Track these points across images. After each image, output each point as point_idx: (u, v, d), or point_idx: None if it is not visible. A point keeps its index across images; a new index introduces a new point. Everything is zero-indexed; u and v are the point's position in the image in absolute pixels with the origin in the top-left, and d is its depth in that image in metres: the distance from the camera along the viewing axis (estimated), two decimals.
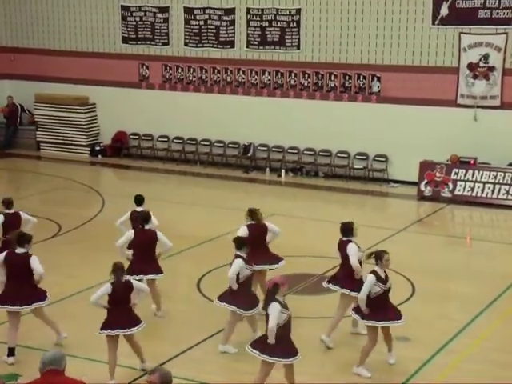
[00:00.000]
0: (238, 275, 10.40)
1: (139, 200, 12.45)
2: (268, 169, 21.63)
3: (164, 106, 22.68)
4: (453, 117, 19.27)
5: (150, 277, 11.38)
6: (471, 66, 19.15)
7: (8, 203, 12.43)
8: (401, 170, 20.13)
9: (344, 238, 10.78)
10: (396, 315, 10.01)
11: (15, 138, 24.65)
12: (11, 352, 10.07)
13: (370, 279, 9.74)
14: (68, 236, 15.65)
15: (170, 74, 22.81)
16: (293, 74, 21.28)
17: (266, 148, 21.74)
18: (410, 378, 9.79)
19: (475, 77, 19.14)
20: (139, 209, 12.27)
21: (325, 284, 11.04)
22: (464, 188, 18.66)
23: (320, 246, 14.76)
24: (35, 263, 10.17)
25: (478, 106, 19.12)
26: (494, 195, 18.37)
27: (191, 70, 22.50)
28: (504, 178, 18.29)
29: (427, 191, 18.99)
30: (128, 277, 10.12)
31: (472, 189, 18.58)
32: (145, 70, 23.13)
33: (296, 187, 20.32)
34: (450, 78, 19.28)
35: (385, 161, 20.32)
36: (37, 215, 16.89)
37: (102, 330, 9.58)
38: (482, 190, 18.49)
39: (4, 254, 10.32)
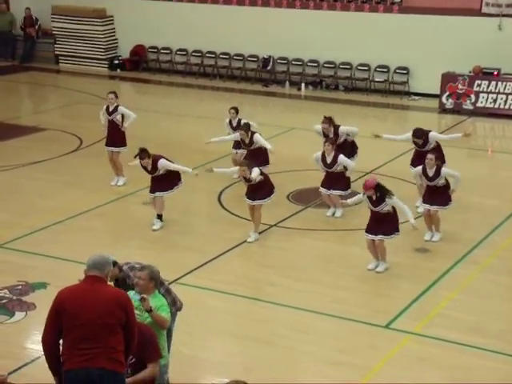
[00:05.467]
0: None
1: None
2: (287, 82, 21.40)
3: (182, 18, 22.32)
4: (477, 26, 18.84)
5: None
6: None
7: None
8: (422, 83, 19.84)
9: None
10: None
11: (33, 51, 24.50)
12: (159, 217, 11.76)
13: None
14: (90, 150, 15.72)
15: None
16: None
17: (285, 61, 21.46)
18: (430, 287, 9.91)
19: None
20: None
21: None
22: (486, 100, 18.41)
23: None
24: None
25: (504, 15, 18.65)
26: None
27: None
28: None
29: (449, 104, 18.76)
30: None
31: (495, 100, 18.33)
32: None
33: (316, 101, 20.15)
34: None
35: (406, 73, 20.03)
36: (58, 129, 17.09)
37: None
38: (505, 102, 18.24)
39: None
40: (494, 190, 13.38)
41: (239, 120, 13.62)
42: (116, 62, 23.34)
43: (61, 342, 6.00)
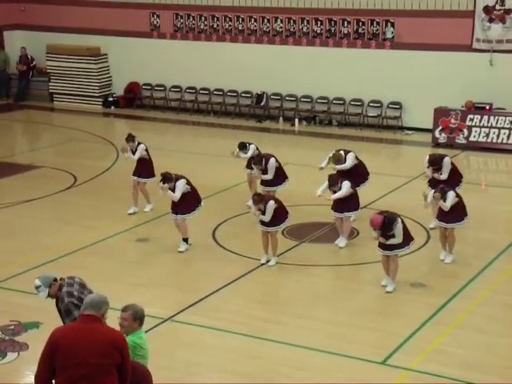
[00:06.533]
0: None
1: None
2: (281, 118, 21.52)
3: (176, 55, 22.52)
4: (468, 62, 19.04)
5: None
6: (487, 9, 18.83)
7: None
8: (415, 117, 19.98)
9: None
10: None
11: (28, 89, 24.62)
12: (186, 240, 12.33)
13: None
14: (84, 187, 15.73)
15: (181, 23, 22.60)
16: (305, 21, 21.04)
17: (279, 97, 21.60)
18: (426, 322, 9.87)
19: (491, 20, 18.84)
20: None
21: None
22: (479, 134, 18.52)
23: None
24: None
25: (494, 51, 18.85)
26: (510, 141, 18.23)
27: (202, 18, 22.29)
28: None
29: (442, 138, 18.87)
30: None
31: (487, 135, 18.45)
32: (156, 19, 22.92)
33: (310, 136, 20.24)
34: (466, 22, 19.00)
35: (399, 108, 20.16)
36: (52, 167, 17.12)
37: None
38: (498, 136, 18.36)
39: None
40: (488, 224, 13.40)
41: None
42: (110, 99, 23.47)
43: (53, 382, 5.94)
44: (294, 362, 9.00)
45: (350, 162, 13.26)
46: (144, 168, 13.91)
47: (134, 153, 13.94)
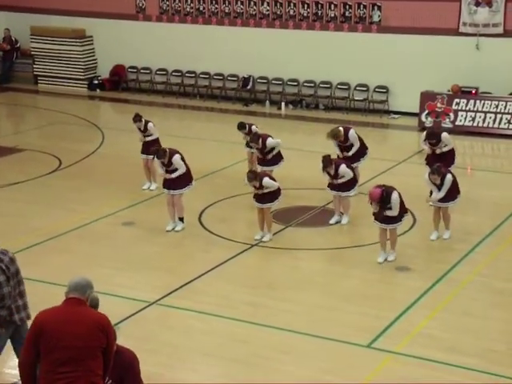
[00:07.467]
0: None
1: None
2: (268, 101, 21.45)
3: (162, 38, 22.36)
4: (454, 46, 19.02)
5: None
6: None
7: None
8: (401, 101, 19.96)
9: None
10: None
11: (12, 71, 24.39)
12: (181, 220, 12.44)
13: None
14: (68, 170, 15.63)
15: (167, 6, 22.44)
16: (292, 4, 20.93)
17: (265, 80, 21.52)
18: (411, 306, 9.89)
19: (478, 4, 18.83)
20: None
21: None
22: (465, 118, 18.55)
23: (321, 178, 14.72)
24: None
25: (481, 35, 18.84)
26: (496, 125, 18.29)
27: (188, 0, 22.12)
28: (506, 107, 18.16)
29: (428, 122, 18.87)
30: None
31: (473, 119, 18.48)
32: (141, 2, 22.73)
33: (296, 120, 20.20)
34: (452, 6, 18.97)
35: (385, 92, 20.14)
36: (36, 150, 17.00)
37: None
38: (484, 120, 18.39)
39: None
40: (473, 208, 13.44)
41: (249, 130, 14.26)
42: (95, 82, 23.31)
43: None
44: (280, 345, 9.00)
45: (356, 142, 13.63)
46: (152, 145, 13.90)
47: (142, 131, 14.13)
